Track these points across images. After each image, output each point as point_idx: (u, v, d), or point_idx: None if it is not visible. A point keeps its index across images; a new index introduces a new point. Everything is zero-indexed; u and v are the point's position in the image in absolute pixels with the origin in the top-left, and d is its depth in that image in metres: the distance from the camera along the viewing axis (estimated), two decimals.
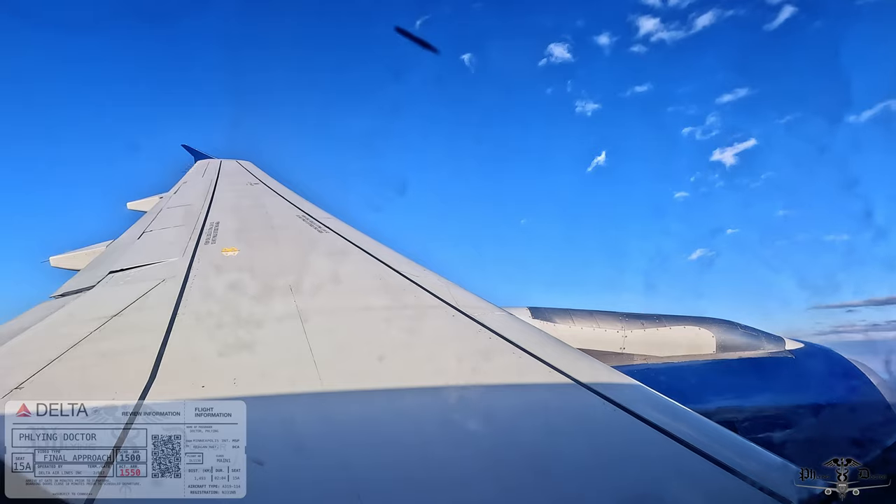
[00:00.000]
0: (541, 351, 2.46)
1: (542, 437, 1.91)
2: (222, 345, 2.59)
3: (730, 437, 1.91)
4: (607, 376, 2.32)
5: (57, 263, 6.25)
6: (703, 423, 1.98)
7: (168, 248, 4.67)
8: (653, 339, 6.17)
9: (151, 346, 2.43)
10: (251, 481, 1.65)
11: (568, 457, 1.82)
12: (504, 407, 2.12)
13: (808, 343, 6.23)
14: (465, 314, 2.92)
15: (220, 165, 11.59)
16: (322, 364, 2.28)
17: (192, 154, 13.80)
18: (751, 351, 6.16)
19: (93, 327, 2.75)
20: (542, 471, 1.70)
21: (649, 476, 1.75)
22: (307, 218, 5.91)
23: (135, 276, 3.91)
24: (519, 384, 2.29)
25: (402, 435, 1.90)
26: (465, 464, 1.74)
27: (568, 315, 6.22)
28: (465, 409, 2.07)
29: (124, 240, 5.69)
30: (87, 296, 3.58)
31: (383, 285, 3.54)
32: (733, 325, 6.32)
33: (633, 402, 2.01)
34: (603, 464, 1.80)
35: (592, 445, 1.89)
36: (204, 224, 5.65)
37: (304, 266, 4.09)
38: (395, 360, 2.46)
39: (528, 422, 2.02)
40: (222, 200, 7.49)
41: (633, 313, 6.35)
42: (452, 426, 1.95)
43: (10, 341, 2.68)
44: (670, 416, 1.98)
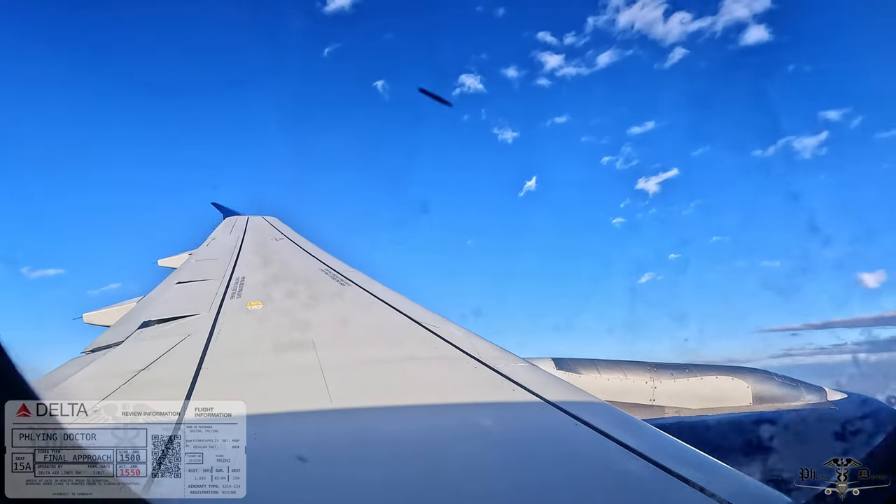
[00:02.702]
0: (566, 403, 2.39)
1: (569, 492, 1.83)
2: (245, 400, 2.59)
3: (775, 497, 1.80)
4: (637, 430, 2.23)
5: (90, 320, 6.43)
6: (748, 483, 1.87)
7: (195, 302, 4.79)
8: (684, 390, 5.92)
9: (175, 401, 2.45)
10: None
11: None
12: (530, 460, 2.04)
13: (850, 393, 5.89)
14: (487, 366, 2.88)
15: (247, 221, 12.01)
16: (344, 418, 2.26)
17: (221, 211, 14.34)
18: (789, 402, 5.84)
19: (120, 382, 2.79)
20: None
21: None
22: (329, 271, 6.01)
23: (162, 330, 4.00)
24: (545, 437, 2.21)
25: (426, 490, 1.84)
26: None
27: (594, 365, 6.05)
28: (491, 463, 2.00)
29: (154, 295, 5.86)
30: (116, 351, 3.66)
31: (405, 338, 3.54)
32: (769, 375, 6.04)
33: (666, 458, 1.92)
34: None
35: (622, 502, 1.80)
36: (230, 278, 5.80)
37: (326, 320, 4.13)
38: (419, 415, 2.42)
39: (555, 476, 1.94)
40: (248, 255, 7.70)
41: (662, 363, 6.14)
42: (477, 481, 1.89)
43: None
44: (708, 472, 1.87)
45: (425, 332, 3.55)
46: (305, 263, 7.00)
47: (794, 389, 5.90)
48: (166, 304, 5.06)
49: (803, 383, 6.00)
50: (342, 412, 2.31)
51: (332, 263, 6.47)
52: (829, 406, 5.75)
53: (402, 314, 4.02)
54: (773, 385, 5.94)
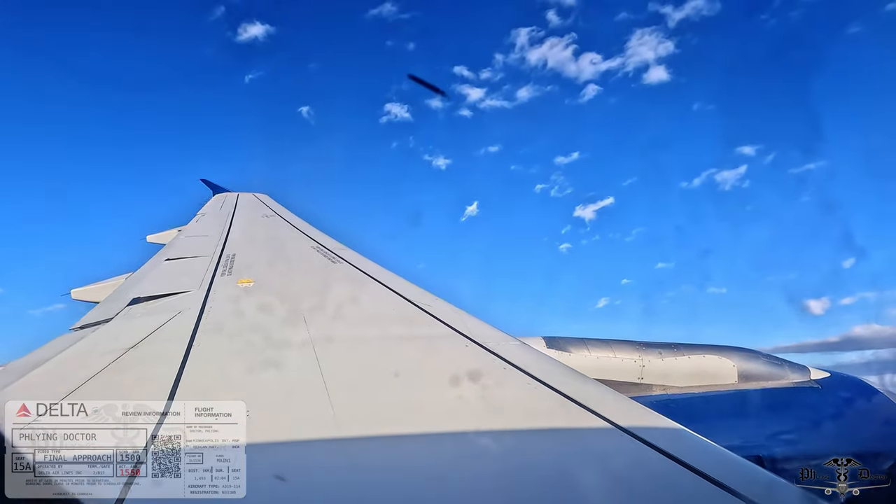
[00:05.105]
0: (556, 381, 2.41)
1: (559, 470, 1.86)
2: (236, 377, 2.60)
3: (758, 472, 1.83)
4: (626, 407, 2.26)
5: (78, 296, 6.36)
6: (729, 457, 1.91)
7: (185, 279, 4.74)
8: (672, 368, 6.02)
9: (166, 378, 2.44)
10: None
11: (589, 491, 1.75)
12: (520, 440, 2.07)
13: (833, 372, 6.02)
14: (478, 344, 2.89)
15: (237, 198, 11.84)
16: (335, 395, 2.26)
17: (211, 188, 14.12)
18: (774, 381, 5.96)
19: (109, 360, 2.77)
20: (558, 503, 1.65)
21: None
22: (321, 249, 5.97)
23: (152, 307, 3.96)
24: (534, 415, 2.24)
25: (414, 466, 1.86)
26: (477, 497, 1.69)
27: (583, 344, 6.12)
28: (479, 441, 2.02)
29: (143, 272, 5.80)
30: (106, 328, 3.63)
31: (397, 316, 3.54)
32: (755, 354, 6.15)
33: (655, 435, 1.95)
34: (623, 499, 1.74)
35: (613, 480, 1.83)
36: (221, 255, 5.74)
37: (318, 297, 4.11)
38: (408, 391, 2.43)
39: (543, 454, 1.97)
40: (239, 232, 7.62)
41: (651, 342, 6.23)
42: (465, 458, 1.91)
43: (27, 374, 2.72)
44: (695, 449, 1.90)
45: (417, 310, 3.55)
46: (297, 240, 6.94)
47: (779, 368, 6.02)
48: (156, 280, 5.01)
49: (787, 362, 6.12)
50: (335, 391, 2.31)
51: (324, 241, 6.42)
52: (812, 384, 5.88)
53: (393, 292, 4.01)
54: (759, 364, 6.06)
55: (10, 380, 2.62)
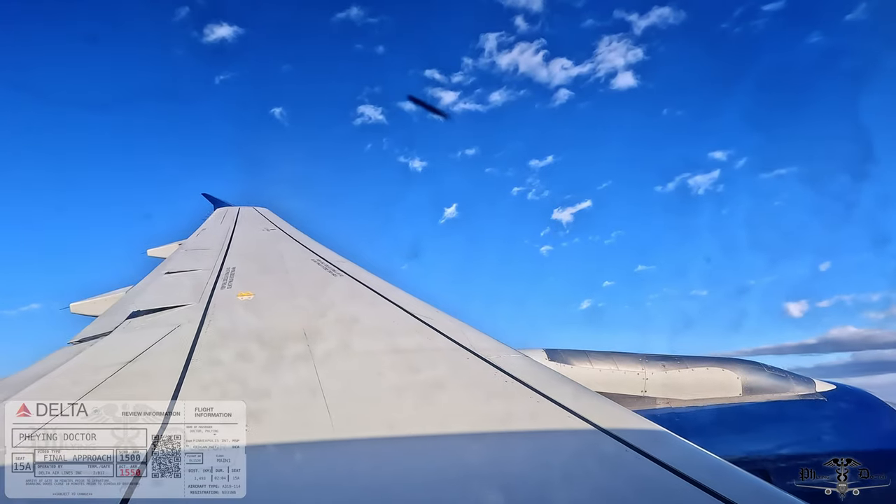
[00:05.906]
0: (559, 395, 2.38)
1: (561, 486, 1.82)
2: (235, 391, 2.57)
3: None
4: (630, 421, 2.23)
5: (77, 310, 6.34)
6: (737, 473, 1.87)
7: (185, 292, 4.73)
8: (675, 381, 5.96)
9: (164, 391, 2.41)
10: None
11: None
12: (521, 453, 2.03)
13: (839, 384, 5.96)
14: (480, 357, 2.87)
15: (237, 212, 11.88)
16: (335, 410, 2.24)
17: (212, 202, 14.17)
18: (779, 394, 5.90)
19: (107, 374, 2.75)
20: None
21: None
22: (321, 262, 5.96)
23: (152, 321, 3.94)
24: (536, 430, 2.21)
25: (415, 481, 1.83)
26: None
27: (585, 357, 6.07)
28: (481, 455, 1.99)
29: (143, 285, 5.78)
30: (104, 342, 3.60)
31: (397, 328, 3.51)
32: (759, 366, 6.09)
33: (659, 448, 1.92)
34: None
35: (615, 495, 1.79)
36: (221, 269, 5.73)
37: (318, 310, 4.09)
38: (409, 405, 2.40)
39: (545, 469, 1.93)
40: (239, 246, 7.62)
41: (654, 354, 6.18)
42: (467, 472, 1.88)
43: (25, 388, 2.69)
44: (699, 464, 1.87)
45: (418, 322, 3.53)
46: (297, 253, 6.94)
47: (784, 380, 5.96)
48: (156, 294, 5.00)
49: (792, 374, 6.06)
50: (335, 403, 2.29)
51: (324, 253, 6.41)
52: (818, 397, 5.81)
53: (394, 304, 3.99)
54: (763, 376, 6.00)
55: (8, 394, 2.59)
